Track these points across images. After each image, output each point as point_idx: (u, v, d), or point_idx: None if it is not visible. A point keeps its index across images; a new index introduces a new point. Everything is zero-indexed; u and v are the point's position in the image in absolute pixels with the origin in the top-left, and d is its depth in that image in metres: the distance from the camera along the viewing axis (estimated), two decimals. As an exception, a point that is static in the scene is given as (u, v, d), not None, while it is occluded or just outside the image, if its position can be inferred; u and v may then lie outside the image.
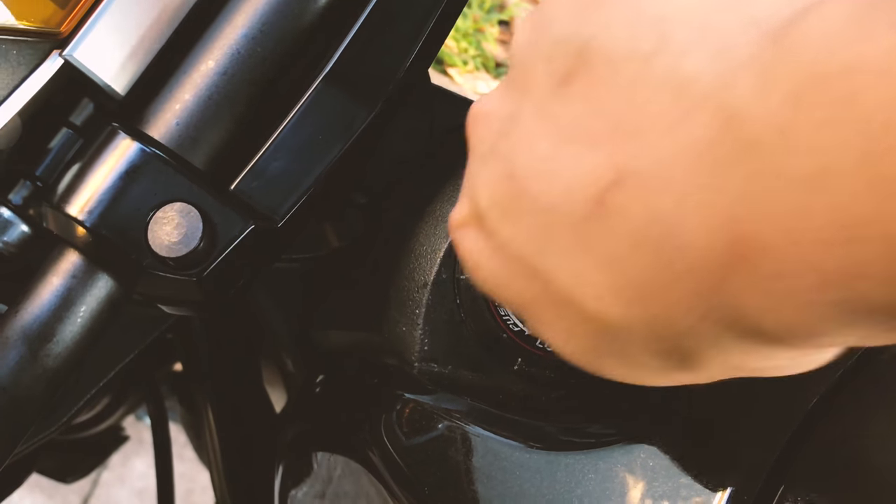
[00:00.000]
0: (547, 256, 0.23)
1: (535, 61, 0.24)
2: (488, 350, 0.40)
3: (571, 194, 0.21)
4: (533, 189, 0.23)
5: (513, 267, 0.24)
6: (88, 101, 0.37)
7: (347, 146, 0.39)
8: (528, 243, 0.23)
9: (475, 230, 0.26)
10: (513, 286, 0.25)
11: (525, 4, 2.33)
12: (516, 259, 0.24)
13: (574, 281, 0.22)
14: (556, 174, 0.22)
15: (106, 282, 0.36)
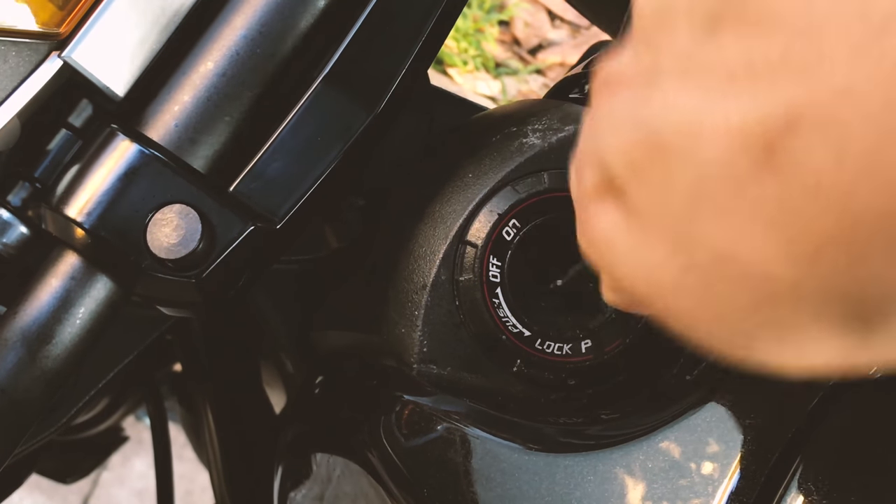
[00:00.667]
0: (704, 222, 0.20)
1: (670, 11, 0.21)
2: (487, 352, 0.40)
3: (734, 149, 0.19)
4: (685, 150, 0.20)
5: (658, 240, 0.22)
6: (87, 103, 0.37)
7: (347, 147, 0.38)
8: (680, 210, 0.21)
9: (610, 204, 0.24)
10: (654, 263, 0.22)
11: (525, 4, 2.33)
12: (664, 230, 0.22)
13: (737, 245, 0.20)
14: (712, 130, 0.19)
15: (105, 283, 0.36)
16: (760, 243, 0.20)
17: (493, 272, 0.40)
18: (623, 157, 0.22)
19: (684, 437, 0.37)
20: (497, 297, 0.40)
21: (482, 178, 0.41)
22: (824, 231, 0.18)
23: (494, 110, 0.51)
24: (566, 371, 0.40)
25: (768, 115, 0.18)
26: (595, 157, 0.24)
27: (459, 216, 0.41)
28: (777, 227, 0.19)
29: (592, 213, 0.24)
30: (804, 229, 0.19)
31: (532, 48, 2.29)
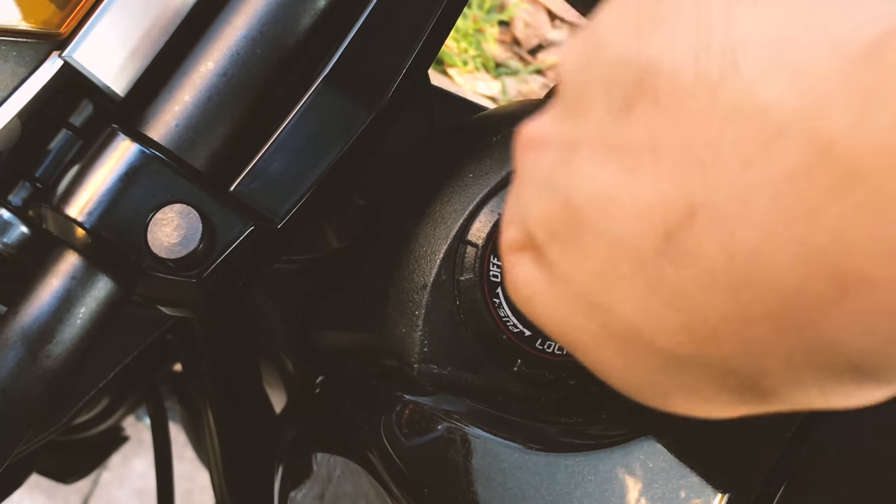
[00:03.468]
0: (612, 292, 0.22)
1: (590, 85, 0.22)
2: (488, 351, 0.40)
3: (638, 230, 0.20)
4: (596, 222, 0.21)
5: (573, 300, 0.23)
6: (88, 103, 0.37)
7: (347, 147, 0.38)
8: (591, 278, 0.22)
9: (531, 258, 0.25)
10: (571, 320, 0.23)
11: (525, 4, 2.33)
12: (577, 293, 0.23)
13: (642, 318, 0.21)
14: (620, 208, 0.20)
15: (105, 283, 0.36)
16: (662, 320, 0.21)
17: (493, 272, 0.40)
18: (542, 219, 0.23)
19: (685, 437, 0.37)
20: (498, 296, 0.40)
21: (482, 178, 0.41)
22: (722, 320, 0.19)
23: (494, 110, 0.51)
24: (567, 371, 0.40)
25: (669, 203, 0.19)
26: (516, 215, 0.25)
27: (460, 216, 0.41)
28: (673, 308, 0.20)
29: (515, 265, 0.25)
30: (697, 314, 0.20)
31: (532, 48, 2.29)
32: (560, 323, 0.24)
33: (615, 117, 0.21)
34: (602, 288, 0.22)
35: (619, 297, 0.21)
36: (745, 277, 0.18)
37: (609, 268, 0.21)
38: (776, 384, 0.20)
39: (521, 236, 0.25)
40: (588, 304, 0.22)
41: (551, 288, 0.24)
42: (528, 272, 0.25)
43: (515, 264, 0.25)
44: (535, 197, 0.24)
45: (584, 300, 0.23)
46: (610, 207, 0.21)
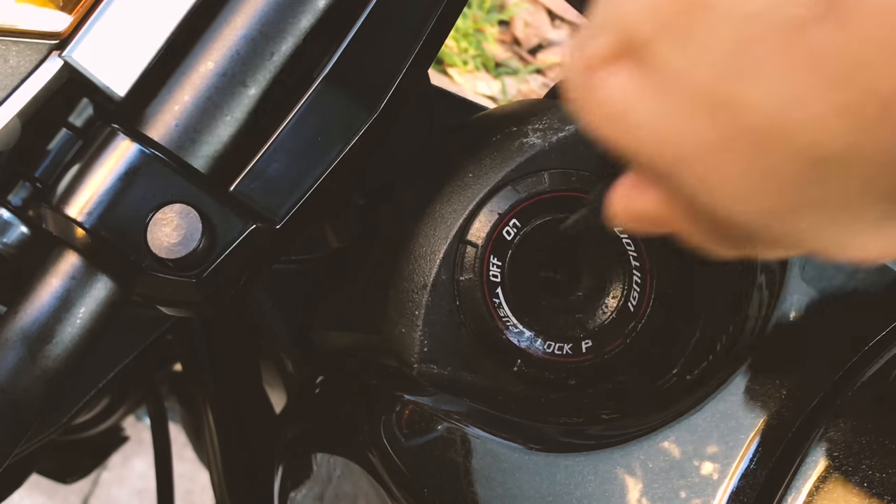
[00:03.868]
0: (746, 81, 0.18)
1: None
2: (488, 351, 0.40)
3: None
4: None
5: (688, 103, 0.20)
6: (88, 103, 0.37)
7: (347, 147, 0.38)
8: (717, 68, 0.19)
9: (627, 68, 0.21)
10: (683, 129, 0.20)
11: (525, 4, 2.33)
12: (696, 92, 0.20)
13: (784, 108, 0.18)
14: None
15: (105, 283, 0.36)
16: (814, 103, 0.18)
17: (493, 272, 0.40)
18: (649, 13, 0.20)
19: (684, 437, 0.37)
20: (497, 296, 0.40)
21: (482, 178, 0.41)
22: (888, 90, 0.17)
23: (494, 110, 0.51)
24: (567, 371, 0.40)
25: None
26: (611, 19, 0.22)
27: (460, 216, 0.41)
28: (836, 84, 0.17)
29: (603, 81, 0.22)
30: (869, 86, 0.17)
31: (532, 48, 2.29)
32: (666, 135, 0.21)
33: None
34: (732, 78, 0.19)
35: (759, 85, 0.18)
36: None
37: (744, 51, 0.18)
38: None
39: (612, 44, 0.22)
40: (711, 104, 0.20)
41: (657, 92, 0.21)
42: (624, 81, 0.22)
43: (604, 81, 0.22)
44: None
45: (705, 99, 0.20)
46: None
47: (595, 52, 0.22)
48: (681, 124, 0.20)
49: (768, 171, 0.19)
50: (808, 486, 0.35)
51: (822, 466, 0.35)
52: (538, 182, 0.40)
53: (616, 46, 0.22)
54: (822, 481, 0.35)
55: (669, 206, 0.25)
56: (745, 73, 0.19)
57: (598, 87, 0.22)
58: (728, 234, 0.23)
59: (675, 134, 0.21)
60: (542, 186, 0.40)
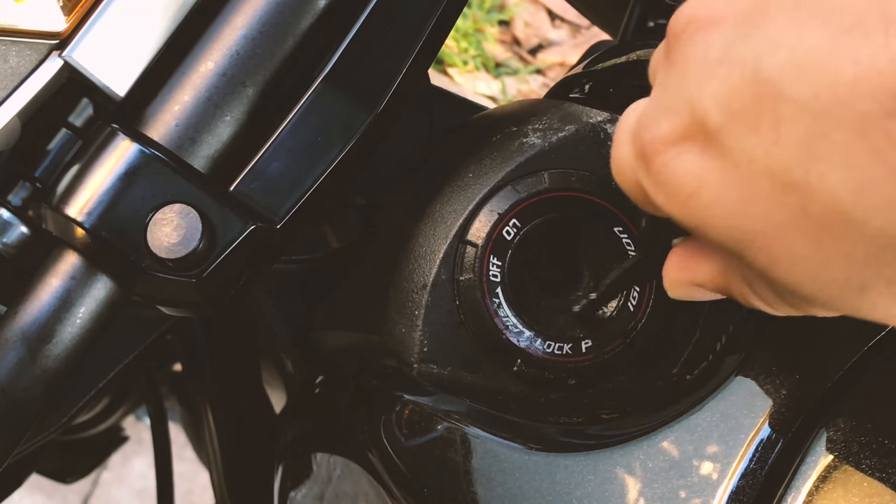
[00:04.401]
0: (817, 167, 0.20)
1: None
2: (488, 351, 0.40)
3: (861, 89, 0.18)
4: (798, 91, 0.19)
5: (759, 183, 0.21)
6: (88, 103, 0.37)
7: (347, 147, 0.38)
8: (789, 155, 0.20)
9: (697, 150, 0.23)
10: (753, 207, 0.21)
11: (525, 4, 2.33)
12: (767, 175, 0.21)
13: (854, 194, 0.19)
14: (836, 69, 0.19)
15: (105, 283, 0.36)
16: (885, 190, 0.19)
17: (493, 272, 0.40)
18: (721, 100, 0.21)
19: (684, 437, 0.37)
20: (497, 296, 0.40)
21: (482, 178, 0.41)
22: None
23: (494, 110, 0.51)
24: (566, 371, 0.40)
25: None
26: (681, 102, 0.23)
27: (460, 216, 0.41)
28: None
29: (672, 160, 0.23)
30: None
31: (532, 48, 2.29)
32: (736, 213, 0.22)
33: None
34: (806, 164, 0.20)
35: (827, 172, 0.19)
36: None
37: (815, 140, 0.19)
38: None
39: (682, 125, 0.23)
40: (781, 186, 0.21)
41: (727, 174, 0.22)
42: (693, 162, 0.23)
43: (674, 157, 0.23)
44: (709, 78, 0.22)
45: (775, 181, 0.21)
46: (819, 74, 0.19)
47: (663, 133, 0.23)
48: (753, 205, 0.21)
49: (839, 252, 0.20)
50: (808, 486, 0.35)
51: (822, 466, 0.35)
52: (538, 182, 0.40)
53: (686, 128, 0.23)
54: (822, 481, 0.35)
55: (729, 276, 0.26)
56: (819, 160, 0.20)
57: (667, 165, 0.23)
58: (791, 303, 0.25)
59: (748, 214, 0.22)
60: (542, 186, 0.40)
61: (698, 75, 0.22)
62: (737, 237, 0.23)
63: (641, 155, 0.24)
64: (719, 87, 0.21)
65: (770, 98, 0.20)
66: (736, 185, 0.22)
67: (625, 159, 0.26)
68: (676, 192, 0.23)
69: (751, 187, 0.21)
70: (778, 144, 0.20)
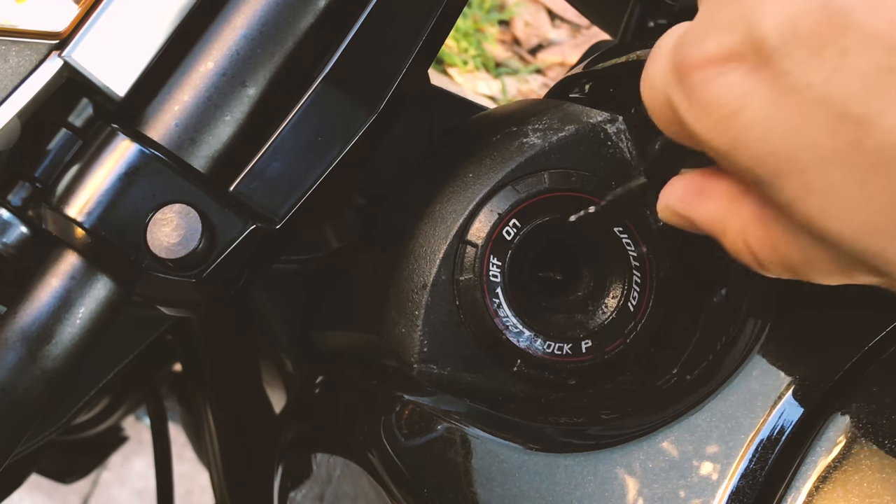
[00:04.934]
0: (879, 103, 0.19)
1: None
2: (488, 351, 0.40)
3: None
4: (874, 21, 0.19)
5: (813, 113, 0.21)
6: (88, 103, 0.37)
7: (347, 148, 0.38)
8: (852, 86, 0.20)
9: (746, 70, 0.22)
10: (806, 137, 0.21)
11: (525, 4, 2.33)
12: (825, 103, 0.20)
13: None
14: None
15: (105, 283, 0.36)
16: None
17: (493, 272, 0.40)
18: (783, 22, 0.21)
19: (684, 437, 0.37)
20: (497, 296, 0.40)
21: (482, 178, 0.41)
22: None
23: (494, 110, 0.51)
24: (566, 371, 0.40)
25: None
26: (736, 19, 0.22)
27: (460, 216, 0.41)
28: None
29: (714, 77, 0.23)
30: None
31: (532, 48, 2.29)
32: (782, 141, 0.21)
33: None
34: (866, 96, 0.20)
35: (890, 108, 0.19)
36: None
37: (883, 74, 0.19)
38: None
39: (732, 44, 0.22)
40: (837, 116, 0.20)
41: (778, 98, 0.21)
42: (738, 82, 0.22)
43: (717, 75, 0.23)
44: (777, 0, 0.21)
45: (832, 111, 0.20)
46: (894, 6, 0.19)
47: (709, 50, 0.23)
48: (802, 133, 0.21)
49: (883, 194, 0.20)
50: (808, 486, 0.35)
51: (822, 467, 0.35)
52: (538, 182, 0.40)
53: (737, 47, 0.22)
54: (822, 481, 0.35)
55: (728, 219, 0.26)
56: (884, 95, 0.19)
57: (708, 81, 0.23)
58: (799, 251, 0.24)
59: (793, 141, 0.21)
60: (542, 186, 0.40)
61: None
62: (771, 164, 0.22)
63: (679, 69, 0.24)
64: (783, 8, 0.21)
65: (839, 25, 0.20)
66: (786, 110, 0.21)
67: (658, 74, 0.25)
68: (714, 111, 0.23)
69: (802, 114, 0.21)
70: (841, 73, 0.20)
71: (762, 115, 0.22)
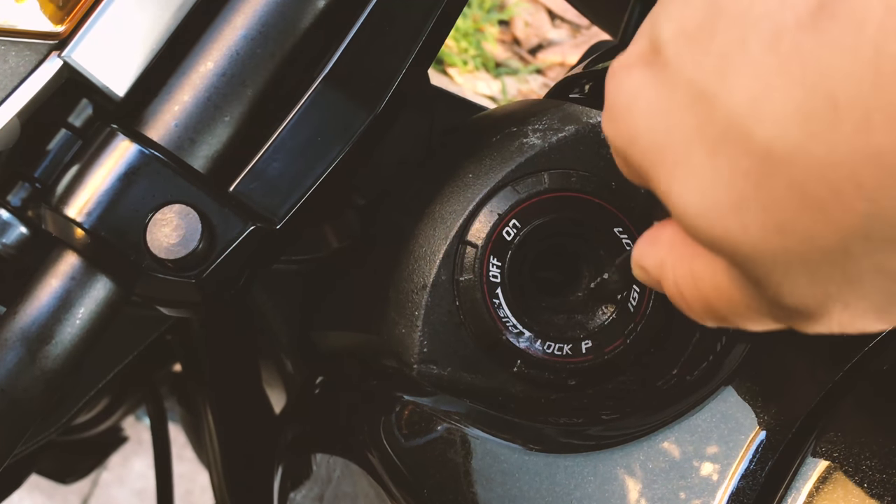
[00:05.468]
0: (727, 77, 0.21)
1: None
2: (488, 352, 0.40)
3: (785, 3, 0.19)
4: (737, 5, 0.20)
5: (681, 95, 0.22)
6: (87, 103, 0.37)
7: (347, 148, 0.38)
8: (712, 65, 0.21)
9: (643, 67, 0.24)
10: (667, 119, 0.22)
11: (525, 4, 2.33)
12: (690, 85, 0.22)
13: (750, 105, 0.20)
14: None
15: (104, 283, 0.36)
16: (776, 102, 0.19)
17: (493, 272, 0.40)
18: (676, 22, 0.22)
19: (684, 437, 0.37)
20: (497, 297, 0.40)
21: (482, 178, 0.41)
22: (844, 96, 0.18)
23: (494, 110, 0.51)
24: (566, 371, 0.40)
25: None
26: (648, 27, 0.24)
27: (460, 216, 0.41)
28: (799, 86, 0.19)
29: (623, 79, 0.25)
30: (822, 90, 0.18)
31: (532, 48, 2.29)
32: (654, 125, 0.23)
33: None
34: (720, 72, 0.21)
35: (736, 80, 0.20)
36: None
37: (733, 50, 0.20)
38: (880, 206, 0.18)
39: (640, 49, 0.24)
40: (697, 94, 0.21)
41: (660, 87, 0.23)
42: (637, 79, 0.24)
43: (624, 79, 0.25)
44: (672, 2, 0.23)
45: (693, 90, 0.22)
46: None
47: (624, 58, 0.25)
48: (671, 115, 0.22)
49: (728, 163, 0.21)
50: (808, 486, 0.35)
51: (822, 466, 0.35)
52: (538, 182, 0.40)
53: (642, 51, 0.24)
54: (822, 481, 0.35)
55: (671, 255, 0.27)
56: (733, 70, 0.20)
57: (617, 86, 0.25)
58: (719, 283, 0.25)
59: (666, 125, 0.23)
60: (542, 187, 0.40)
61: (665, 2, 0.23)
62: (651, 154, 0.23)
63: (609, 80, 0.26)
64: (677, 10, 0.23)
65: (714, 11, 0.21)
66: (664, 97, 0.23)
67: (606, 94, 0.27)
68: (615, 108, 0.25)
69: (674, 98, 0.22)
70: (707, 55, 0.21)
71: (648, 106, 0.23)
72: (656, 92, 0.23)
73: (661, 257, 0.27)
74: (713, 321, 0.27)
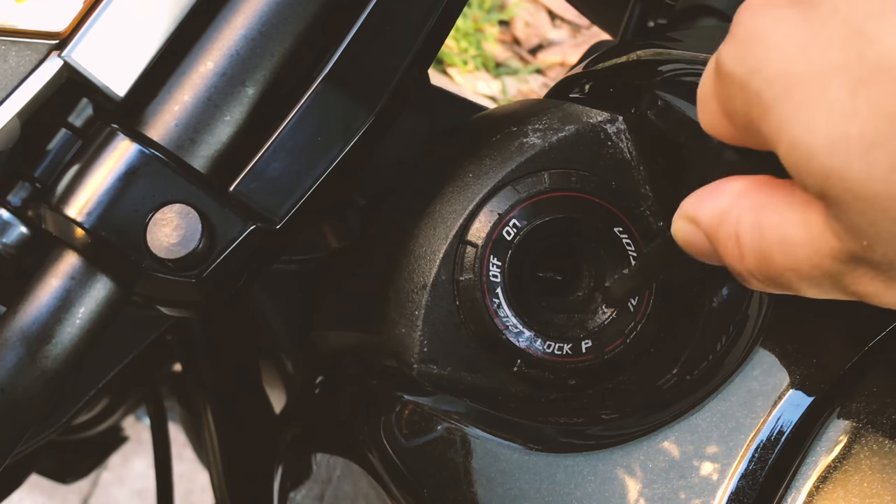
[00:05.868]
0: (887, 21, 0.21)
1: None
2: (488, 351, 0.40)
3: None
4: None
5: (830, 31, 0.22)
6: (87, 103, 0.37)
7: (347, 147, 0.38)
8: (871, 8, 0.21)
9: (787, 6, 0.24)
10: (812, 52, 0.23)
11: (525, 4, 2.33)
12: (843, 23, 0.22)
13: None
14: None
15: (105, 283, 0.36)
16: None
17: (493, 272, 0.40)
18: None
19: (684, 438, 0.37)
20: (497, 297, 0.40)
21: (482, 178, 0.41)
22: None
23: (494, 110, 0.51)
24: (566, 371, 0.40)
25: None
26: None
27: (460, 216, 0.41)
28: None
29: (761, 12, 0.25)
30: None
31: (532, 48, 2.29)
32: (790, 57, 0.23)
33: None
34: (881, 16, 0.21)
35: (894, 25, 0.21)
36: None
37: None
38: None
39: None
40: (850, 32, 0.22)
41: (804, 22, 0.23)
42: (777, 14, 0.24)
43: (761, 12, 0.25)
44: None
45: (847, 28, 0.22)
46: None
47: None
48: (815, 48, 0.23)
49: (868, 104, 0.21)
50: (808, 486, 0.35)
51: (822, 467, 0.35)
52: (538, 182, 0.40)
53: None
54: (822, 481, 0.35)
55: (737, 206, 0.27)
56: (891, 13, 0.21)
57: (751, 19, 0.25)
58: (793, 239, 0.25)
59: (805, 56, 0.23)
60: (542, 186, 0.40)
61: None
62: (779, 83, 0.23)
63: (736, 16, 0.26)
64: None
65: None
66: (809, 31, 0.23)
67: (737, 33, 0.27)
68: (745, 39, 0.25)
69: (822, 34, 0.23)
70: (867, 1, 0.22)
71: (787, 39, 0.23)
72: (800, 27, 0.23)
73: (724, 207, 0.27)
74: (761, 279, 0.27)
